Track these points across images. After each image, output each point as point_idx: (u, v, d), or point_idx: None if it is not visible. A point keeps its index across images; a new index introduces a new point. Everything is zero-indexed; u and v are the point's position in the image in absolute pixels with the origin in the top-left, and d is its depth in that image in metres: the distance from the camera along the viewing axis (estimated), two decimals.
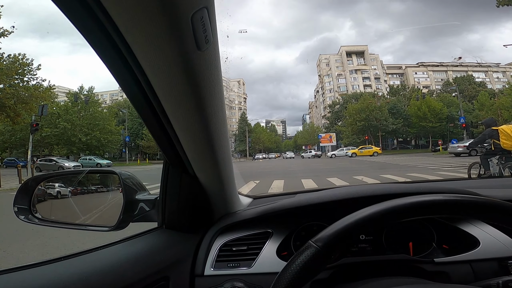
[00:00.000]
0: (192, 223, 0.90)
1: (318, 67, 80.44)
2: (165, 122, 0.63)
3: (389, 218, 0.52)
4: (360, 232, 0.52)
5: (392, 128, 44.02)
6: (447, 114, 39.99)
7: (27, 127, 22.28)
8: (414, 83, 64.37)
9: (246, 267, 0.85)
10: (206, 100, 0.57)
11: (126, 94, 0.58)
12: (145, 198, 0.85)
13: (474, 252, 0.82)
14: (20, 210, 0.84)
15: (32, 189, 0.87)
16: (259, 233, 0.91)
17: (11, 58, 18.72)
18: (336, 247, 0.50)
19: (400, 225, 0.91)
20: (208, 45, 0.48)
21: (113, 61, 0.50)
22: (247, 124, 61.64)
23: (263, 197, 1.21)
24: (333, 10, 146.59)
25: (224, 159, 0.78)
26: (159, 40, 0.44)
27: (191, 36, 0.44)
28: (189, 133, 0.66)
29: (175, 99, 0.56)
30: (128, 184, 0.84)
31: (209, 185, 0.86)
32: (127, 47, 0.46)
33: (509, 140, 5.01)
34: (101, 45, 0.47)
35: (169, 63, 0.48)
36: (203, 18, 0.43)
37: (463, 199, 0.52)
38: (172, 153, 0.74)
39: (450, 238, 0.90)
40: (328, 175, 10.57)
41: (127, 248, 0.78)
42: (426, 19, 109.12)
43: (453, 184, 1.57)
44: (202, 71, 0.52)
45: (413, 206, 0.52)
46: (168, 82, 0.52)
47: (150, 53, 0.47)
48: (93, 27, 0.43)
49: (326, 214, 0.92)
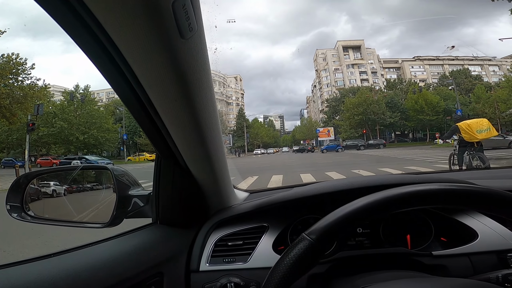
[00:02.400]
0: (187, 218, 0.89)
1: (315, 62, 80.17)
2: (153, 113, 0.62)
3: (383, 208, 0.51)
4: (354, 224, 0.51)
5: (390, 121, 44.01)
6: (444, 107, 39.97)
7: (23, 127, 22.15)
8: (410, 77, 64.25)
9: (242, 262, 0.84)
10: (193, 89, 0.56)
11: (111, 86, 0.57)
12: (139, 193, 0.84)
13: (472, 244, 0.81)
14: (12, 208, 0.83)
15: (24, 186, 0.85)
16: (255, 227, 0.90)
17: (4, 58, 18.62)
18: (330, 240, 0.49)
19: (397, 218, 0.91)
20: (193, 33, 0.47)
21: (96, 54, 0.49)
22: (245, 119, 61.51)
23: (259, 191, 1.20)
24: (329, 4, 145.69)
25: (217, 152, 0.77)
26: (140, 28, 0.43)
27: (173, 23, 0.43)
28: (177, 124, 0.65)
29: (161, 88, 0.55)
30: (121, 180, 0.83)
31: (203, 179, 0.85)
32: (109, 38, 0.45)
33: (467, 134, 5.81)
34: (82, 38, 0.46)
35: (152, 52, 0.47)
36: (185, 5, 0.42)
37: (459, 188, 0.51)
38: (163, 146, 0.73)
39: (448, 230, 0.89)
40: (327, 170, 10.61)
41: (120, 244, 0.77)
42: (421, 13, 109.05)
43: (450, 175, 1.57)
44: (187, 59, 0.50)
45: (408, 195, 0.50)
46: (152, 71, 0.51)
47: (132, 43, 0.46)
48: (73, 20, 0.42)
49: (322, 207, 0.91)
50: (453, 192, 0.51)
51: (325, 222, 0.50)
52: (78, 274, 0.60)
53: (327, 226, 0.49)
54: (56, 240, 3.61)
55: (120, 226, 0.82)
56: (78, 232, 1.02)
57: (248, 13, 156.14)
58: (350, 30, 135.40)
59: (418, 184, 0.52)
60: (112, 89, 0.53)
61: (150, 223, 0.87)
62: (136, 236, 0.82)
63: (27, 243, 3.69)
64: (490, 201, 0.50)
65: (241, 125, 59.12)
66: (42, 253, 0.65)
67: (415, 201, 0.51)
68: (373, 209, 0.50)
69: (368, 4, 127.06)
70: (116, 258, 0.70)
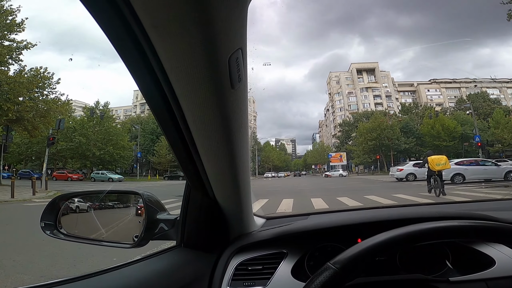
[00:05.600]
0: (209, 242, 0.92)
1: (328, 85, 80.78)
2: (193, 151, 0.66)
3: (405, 243, 0.55)
4: (377, 256, 0.53)
5: (404, 147, 43.24)
6: (461, 132, 39.09)
7: (43, 140, 22.70)
8: (426, 100, 63.72)
9: (262, 286, 0.86)
10: (234, 133, 0.60)
11: (159, 125, 0.61)
12: (166, 218, 0.89)
13: (489, 271, 0.82)
14: (46, 225, 0.89)
15: (58, 207, 0.92)
16: (274, 253, 0.93)
17: (32, 71, 18.78)
18: (354, 270, 0.51)
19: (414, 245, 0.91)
20: (240, 84, 0.51)
21: (153, 96, 0.54)
22: (256, 142, 61.79)
23: (276, 218, 1.23)
24: (341, 26, 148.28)
25: (245, 185, 0.82)
26: (198, 79, 0.46)
27: (227, 76, 0.47)
28: (214, 162, 0.70)
29: (206, 132, 0.59)
30: (150, 204, 0.88)
31: (228, 208, 0.89)
32: (169, 84, 0.49)
33: (432, 166, 9.03)
34: (145, 81, 0.50)
35: (204, 100, 0.51)
36: (238, 59, 0.46)
37: (479, 225, 0.54)
38: (195, 178, 0.78)
39: (465, 258, 0.89)
40: (338, 195, 10.42)
41: (149, 265, 0.81)
42: (435, 33, 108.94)
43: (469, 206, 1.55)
44: (233, 107, 0.54)
45: (429, 232, 0.54)
46: (201, 116, 0.55)
47: (189, 91, 0.50)
48: (140, 62, 0.46)
49: (340, 236, 0.94)
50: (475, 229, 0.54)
51: (350, 253, 0.52)
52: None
53: (351, 257, 0.51)
54: (65, 253, 3.67)
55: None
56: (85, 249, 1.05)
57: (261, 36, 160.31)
58: (363, 52, 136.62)
59: (442, 221, 0.55)
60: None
61: (174, 246, 0.91)
62: (163, 258, 0.86)
63: (35, 254, 3.77)
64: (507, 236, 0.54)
65: (252, 148, 59.17)
66: (50, 264, 0.69)
67: (435, 237, 0.55)
68: (398, 243, 0.54)
69: (381, 26, 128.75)
70: (148, 279, 0.74)
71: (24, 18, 17.02)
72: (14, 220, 7.02)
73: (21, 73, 17.93)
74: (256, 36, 0.59)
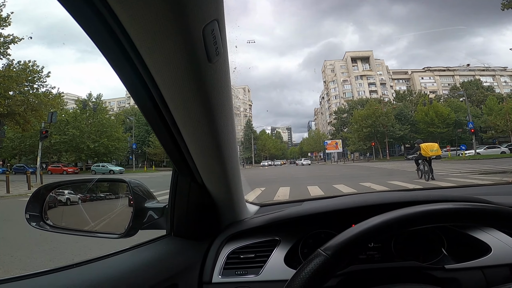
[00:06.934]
0: (200, 230, 0.91)
1: (323, 73, 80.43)
2: (175, 132, 0.63)
3: (399, 227, 0.51)
4: (369, 241, 0.52)
5: (399, 134, 43.45)
6: (455, 119, 39.42)
7: (36, 134, 22.49)
8: (420, 88, 63.72)
9: (254, 275, 0.85)
10: (215, 111, 0.57)
11: (137, 104, 0.59)
12: (154, 206, 0.87)
13: (485, 258, 0.81)
14: (31, 217, 0.86)
15: (43, 197, 0.89)
16: (266, 240, 0.91)
17: (21, 65, 18.75)
18: (345, 256, 0.49)
19: (409, 232, 0.90)
20: (219, 57, 0.48)
21: (125, 72, 0.51)
22: (252, 131, 61.72)
23: (269, 205, 1.21)
24: (335, 15, 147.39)
25: (233, 169, 0.79)
26: (171, 52, 0.44)
27: (202, 48, 0.44)
28: (198, 143, 0.67)
29: (186, 110, 0.56)
30: (137, 192, 0.86)
31: (217, 194, 0.87)
32: (140, 59, 0.46)
33: (426, 152, 9.64)
34: (115, 57, 0.48)
35: (180, 75, 0.48)
36: (214, 30, 0.43)
37: (473, 207, 0.52)
38: (181, 162, 0.75)
39: (461, 245, 0.89)
40: (335, 182, 10.49)
41: (137, 255, 0.79)
42: (429, 22, 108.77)
43: (464, 191, 1.55)
44: (212, 82, 0.52)
45: (424, 215, 0.51)
46: (178, 93, 0.53)
47: (162, 66, 0.47)
48: (107, 38, 0.44)
49: (334, 222, 0.92)
50: (470, 211, 0.52)
51: (341, 239, 0.50)
52: (99, 286, 0.62)
53: (342, 243, 0.50)
54: (62, 247, 3.66)
55: (134, 236, 0.85)
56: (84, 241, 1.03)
57: (256, 26, 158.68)
58: (358, 40, 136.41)
59: (436, 203, 0.53)
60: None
61: (164, 235, 0.89)
62: (151, 247, 0.83)
63: (34, 249, 3.74)
64: (505, 219, 0.52)
65: (248, 137, 59.32)
66: (48, 259, 0.66)
67: (432, 220, 0.52)
68: (389, 228, 0.51)
69: (375, 14, 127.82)
70: (134, 269, 0.72)
71: (9, 12, 16.59)
72: (11, 215, 6.95)
73: (9, 68, 17.72)
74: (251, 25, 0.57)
